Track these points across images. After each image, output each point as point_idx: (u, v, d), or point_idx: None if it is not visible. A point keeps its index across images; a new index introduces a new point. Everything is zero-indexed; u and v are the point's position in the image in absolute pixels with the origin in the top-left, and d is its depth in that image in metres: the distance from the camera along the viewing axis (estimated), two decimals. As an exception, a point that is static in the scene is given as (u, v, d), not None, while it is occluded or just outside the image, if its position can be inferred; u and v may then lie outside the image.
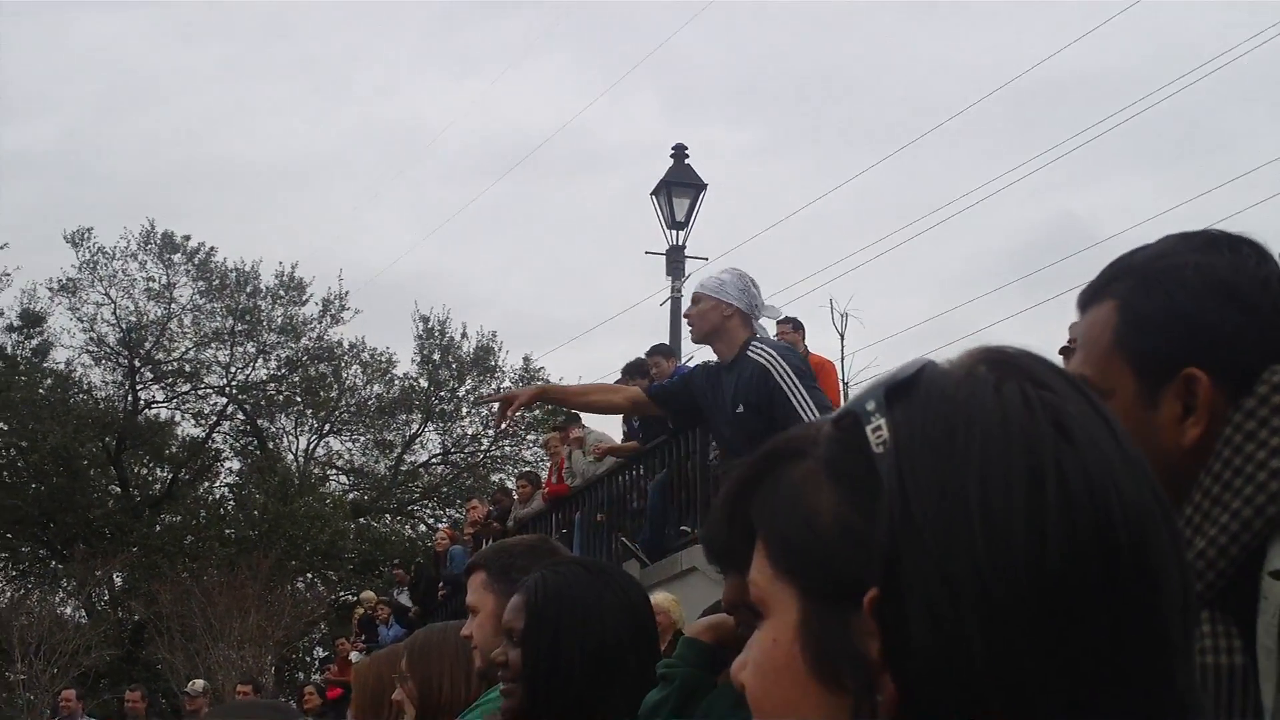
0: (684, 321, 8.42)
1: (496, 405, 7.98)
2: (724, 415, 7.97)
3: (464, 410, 49.94)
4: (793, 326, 17.85)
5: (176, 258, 47.61)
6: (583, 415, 20.45)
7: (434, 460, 50.86)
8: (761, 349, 7.91)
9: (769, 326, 9.28)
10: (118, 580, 44.21)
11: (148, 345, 47.43)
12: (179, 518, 47.33)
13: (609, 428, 22.21)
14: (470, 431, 50.34)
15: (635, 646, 3.66)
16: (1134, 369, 2.40)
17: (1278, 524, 2.24)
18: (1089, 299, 2.50)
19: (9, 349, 46.95)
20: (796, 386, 7.63)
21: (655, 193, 25.79)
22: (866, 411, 1.26)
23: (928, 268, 59.17)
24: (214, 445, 49.54)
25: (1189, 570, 1.24)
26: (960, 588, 1.16)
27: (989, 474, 1.17)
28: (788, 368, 7.72)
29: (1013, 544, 1.15)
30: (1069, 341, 16.34)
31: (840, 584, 1.22)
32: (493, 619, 4.47)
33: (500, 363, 49.71)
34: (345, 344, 49.11)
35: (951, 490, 1.18)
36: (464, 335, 49.76)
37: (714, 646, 3.38)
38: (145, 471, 49.21)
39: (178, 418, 49.03)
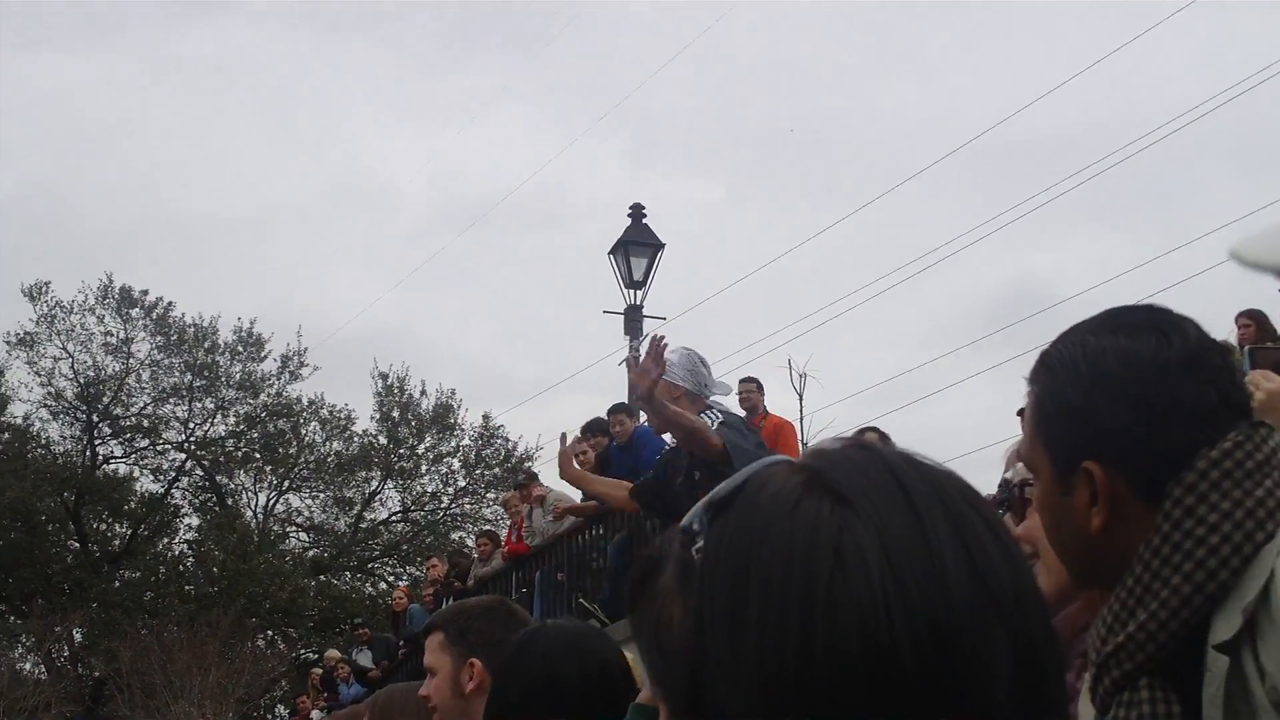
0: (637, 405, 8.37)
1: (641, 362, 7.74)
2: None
3: (423, 467, 49.90)
4: (756, 386, 18.15)
5: (135, 312, 47.55)
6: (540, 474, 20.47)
7: (394, 518, 50.64)
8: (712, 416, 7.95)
9: (730, 401, 9.24)
10: (77, 636, 43.90)
11: (106, 400, 47.24)
12: (138, 574, 46.98)
13: (569, 488, 22.35)
14: (430, 489, 50.25)
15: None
16: (1049, 456, 2.52)
17: (1219, 599, 2.32)
18: (1030, 380, 2.58)
19: (-34, 404, 46.68)
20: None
21: (613, 252, 25.85)
22: (694, 526, 1.37)
23: (888, 326, 59.23)
24: (173, 501, 49.27)
25: (1038, 674, 1.24)
26: (736, 709, 1.22)
27: (768, 599, 1.21)
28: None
29: (784, 678, 1.19)
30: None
31: (683, 694, 1.30)
32: (449, 680, 4.57)
33: (459, 420, 49.73)
34: (304, 400, 49.17)
35: (736, 611, 1.23)
36: (423, 392, 49.81)
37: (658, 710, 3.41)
38: (104, 527, 48.77)
39: (136, 473, 48.82)
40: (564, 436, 8.81)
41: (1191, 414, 2.39)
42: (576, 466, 9.62)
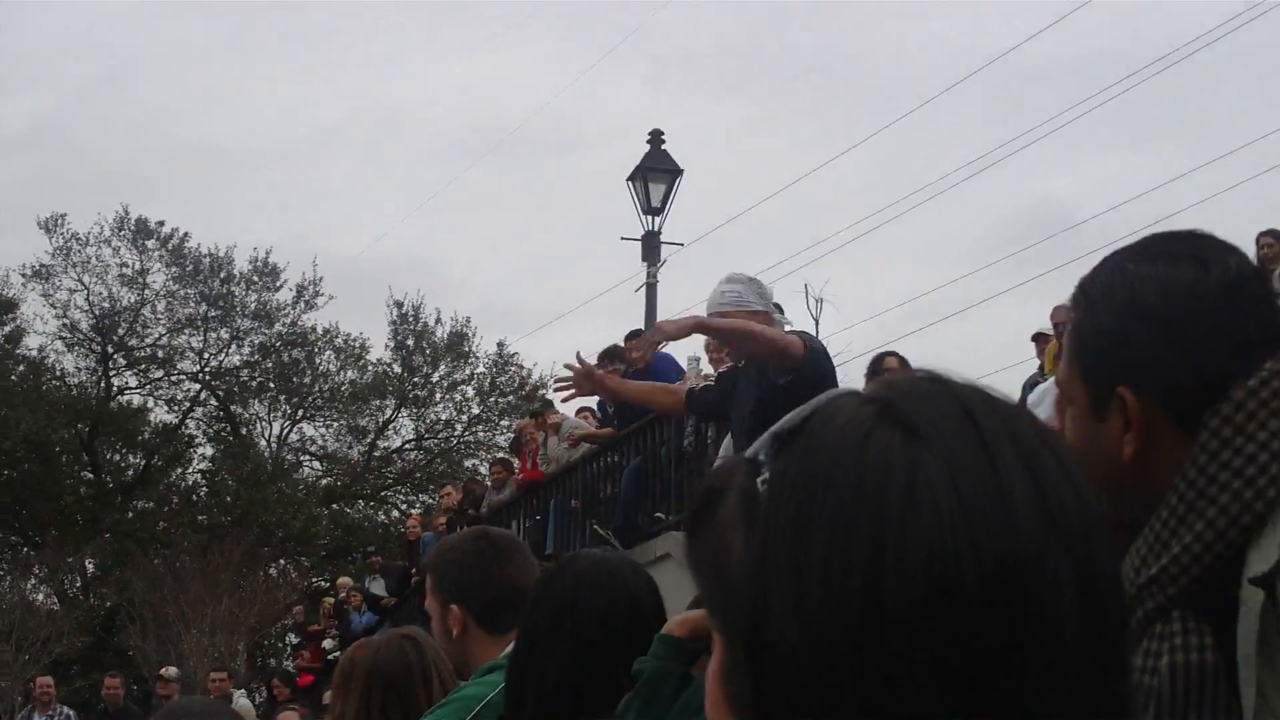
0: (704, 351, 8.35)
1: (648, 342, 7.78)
2: (739, 417, 8.00)
3: (437, 395, 50.08)
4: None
5: (150, 243, 47.77)
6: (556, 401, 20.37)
7: (407, 446, 50.94)
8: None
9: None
10: (89, 567, 44.24)
11: (121, 331, 47.50)
12: (151, 504, 47.49)
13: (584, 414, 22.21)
14: (444, 417, 50.52)
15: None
16: (1085, 382, 2.48)
17: (1254, 530, 2.27)
18: (1070, 307, 2.58)
19: (-20, 336, 46.82)
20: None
21: (631, 179, 25.85)
22: (760, 457, 1.28)
23: (907, 250, 59.25)
24: (187, 431, 49.62)
25: (1103, 611, 1.21)
26: (800, 649, 1.17)
27: (835, 538, 1.18)
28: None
29: (849, 616, 1.16)
30: (1055, 326, 16.35)
31: (743, 629, 1.23)
32: (440, 624, 4.57)
33: (474, 348, 49.94)
34: (319, 330, 49.32)
35: (801, 550, 1.19)
36: (438, 321, 49.98)
37: (685, 641, 3.41)
38: (118, 458, 49.25)
39: (150, 404, 49.21)
40: (579, 357, 8.49)
41: (1229, 344, 2.38)
42: (610, 377, 9.35)
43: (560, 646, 3.70)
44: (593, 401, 21.10)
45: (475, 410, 49.91)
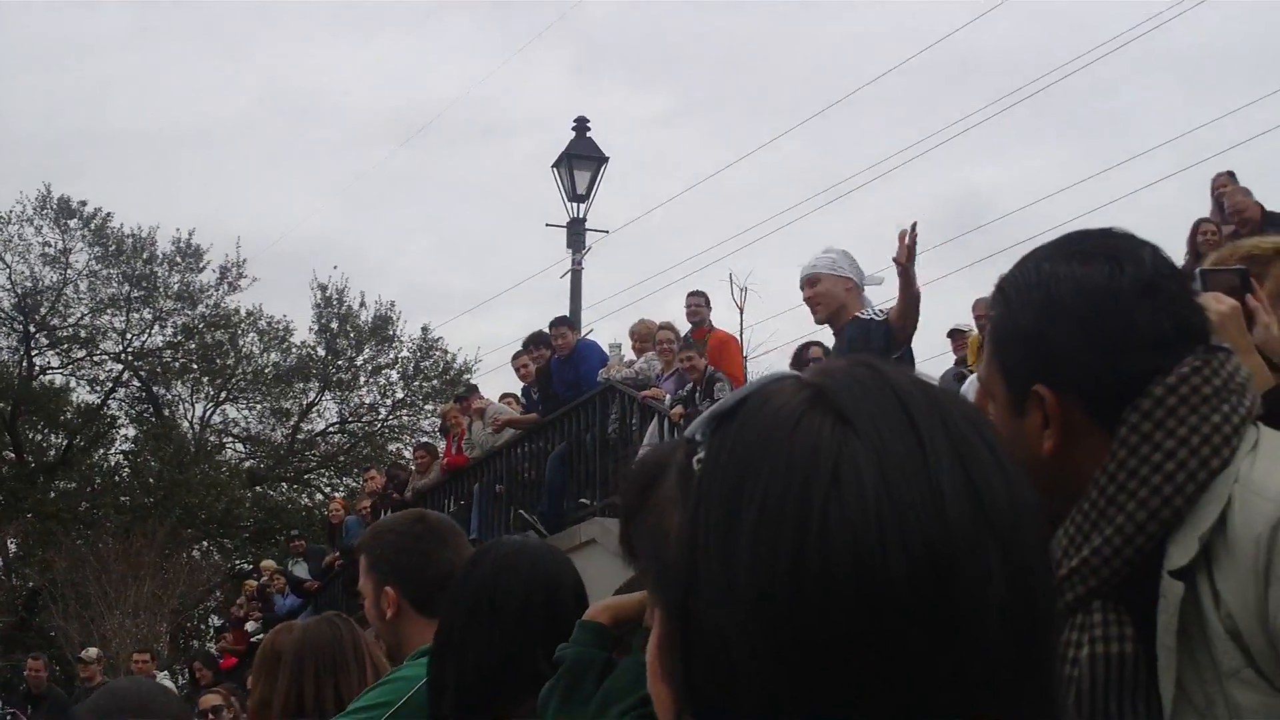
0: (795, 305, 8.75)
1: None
2: None
3: (361, 379, 49.82)
4: (704, 300, 18.15)
5: (73, 223, 47.13)
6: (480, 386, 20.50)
7: (331, 429, 50.65)
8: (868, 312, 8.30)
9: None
10: (12, 547, 43.76)
11: (43, 311, 46.89)
12: (74, 484, 47.05)
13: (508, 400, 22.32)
14: (368, 400, 50.23)
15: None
16: (1004, 380, 2.55)
17: (1174, 524, 2.37)
18: (989, 305, 2.67)
19: (-99, 314, 46.34)
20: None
21: (556, 165, 25.88)
22: (696, 436, 1.32)
23: (831, 240, 59.23)
24: (109, 412, 49.01)
25: (1031, 603, 1.23)
26: (726, 627, 1.20)
27: (762, 522, 1.20)
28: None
29: (773, 596, 1.18)
30: (977, 319, 16.36)
31: (677, 604, 1.27)
32: (374, 605, 4.57)
33: (398, 332, 49.64)
34: (242, 312, 48.82)
35: (730, 531, 1.22)
36: (362, 304, 49.60)
37: (607, 627, 3.35)
38: (40, 438, 48.60)
39: (73, 384, 48.53)
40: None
41: (1145, 341, 2.43)
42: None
43: (479, 634, 3.72)
44: (517, 387, 21.24)
45: (399, 394, 49.64)
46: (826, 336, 10.42)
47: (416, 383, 49.35)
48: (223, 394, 49.44)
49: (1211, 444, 2.38)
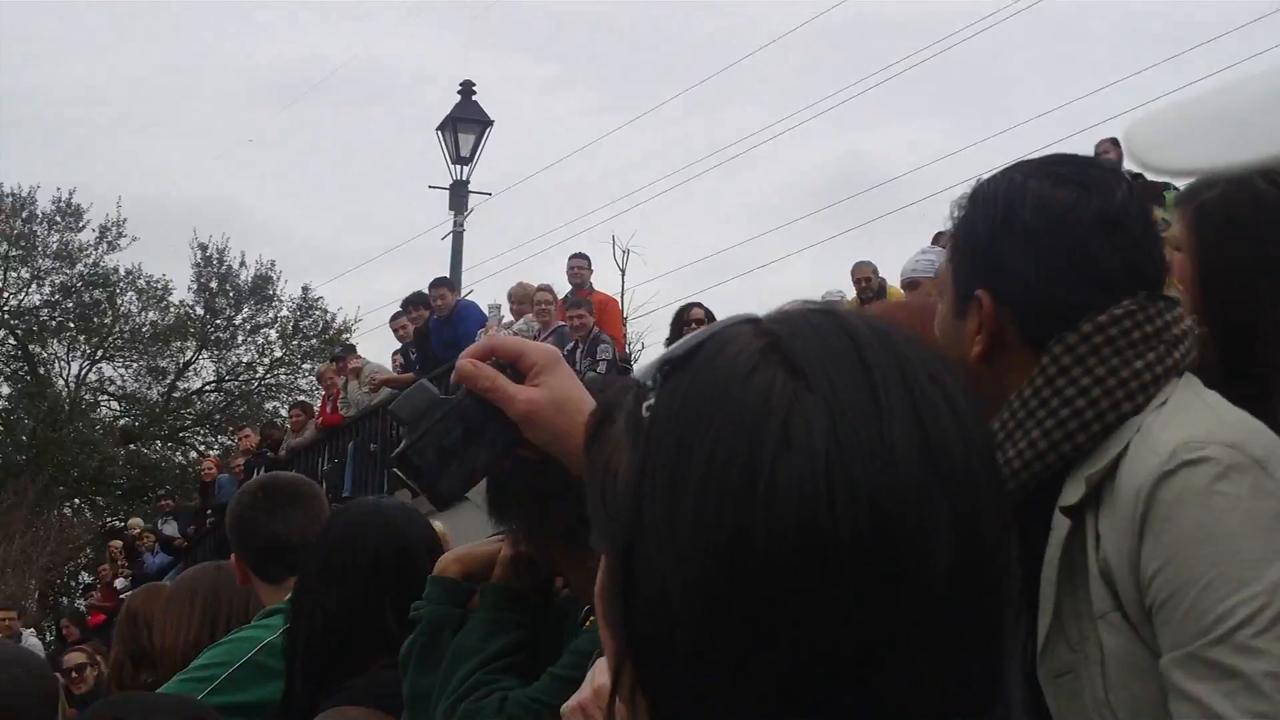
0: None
1: None
2: None
3: (239, 338, 49.49)
4: (586, 263, 18.24)
5: (-49, 181, 46.45)
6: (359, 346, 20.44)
7: (208, 388, 50.27)
8: None
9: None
10: (-121, 504, 43.26)
11: (-80, 268, 46.31)
12: (-54, 441, 46.38)
13: (385, 359, 22.26)
14: (245, 359, 49.90)
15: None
16: (953, 279, 2.59)
17: (1074, 461, 2.41)
18: (959, 204, 2.67)
19: None
20: None
21: (441, 128, 25.98)
22: (646, 381, 1.29)
23: (716, 205, 59.60)
24: (-17, 369, 48.49)
25: (981, 558, 1.21)
26: (668, 577, 1.19)
27: (710, 472, 1.18)
28: None
29: (718, 549, 1.16)
30: (856, 282, 16.43)
31: (620, 549, 1.25)
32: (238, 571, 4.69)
33: (278, 292, 49.34)
34: (121, 271, 48.39)
35: (677, 481, 1.20)
36: (242, 264, 49.26)
37: (458, 582, 3.39)
38: (-87, 394, 48.09)
39: (-53, 341, 47.95)
40: None
41: (1091, 275, 2.46)
42: None
43: (329, 592, 3.77)
44: (397, 344, 21.19)
45: (278, 353, 49.34)
46: (710, 298, 10.38)
47: (295, 342, 49.07)
48: (99, 352, 48.95)
49: (1127, 389, 2.42)
